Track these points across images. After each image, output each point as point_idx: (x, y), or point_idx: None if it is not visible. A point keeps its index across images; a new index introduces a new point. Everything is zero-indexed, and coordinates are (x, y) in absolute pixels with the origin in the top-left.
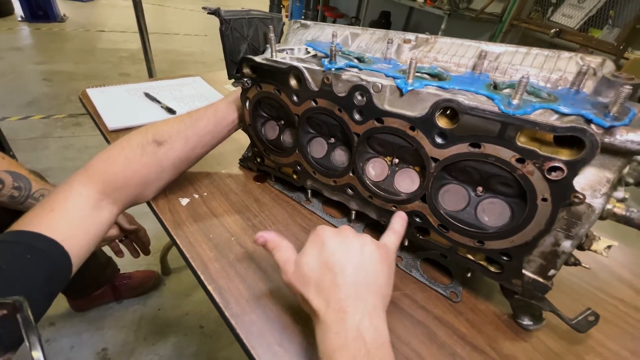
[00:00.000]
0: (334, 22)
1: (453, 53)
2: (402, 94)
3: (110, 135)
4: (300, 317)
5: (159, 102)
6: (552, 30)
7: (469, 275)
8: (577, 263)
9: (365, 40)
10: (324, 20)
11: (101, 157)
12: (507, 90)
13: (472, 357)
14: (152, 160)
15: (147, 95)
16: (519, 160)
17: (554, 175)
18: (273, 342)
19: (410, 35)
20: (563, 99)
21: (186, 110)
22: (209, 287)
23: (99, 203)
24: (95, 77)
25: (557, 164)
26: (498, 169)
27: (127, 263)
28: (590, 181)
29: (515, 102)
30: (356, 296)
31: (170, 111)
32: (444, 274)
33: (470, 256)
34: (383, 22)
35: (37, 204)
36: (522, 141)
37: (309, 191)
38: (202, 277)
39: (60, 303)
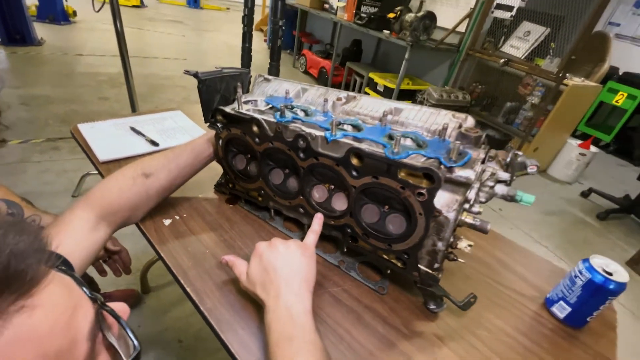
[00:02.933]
0: (310, 47)
1: (370, 109)
2: (327, 142)
3: (101, 166)
4: (258, 308)
5: (143, 135)
6: (502, 60)
7: (388, 272)
8: (455, 259)
9: (312, 95)
10: (300, 45)
11: (99, 187)
12: (402, 139)
13: (389, 332)
14: (141, 189)
15: (132, 129)
16: (401, 188)
17: (421, 198)
18: (237, 326)
19: (343, 94)
20: (431, 146)
21: (168, 143)
22: (188, 289)
23: (97, 225)
24: (74, 101)
25: (421, 190)
26: (391, 193)
27: (107, 283)
28: (446, 201)
29: (395, 150)
30: (286, 284)
31: (154, 143)
32: (376, 273)
33: (385, 256)
34: (354, 49)
35: (49, 226)
36: (402, 175)
37: (272, 210)
38: (182, 281)
39: None
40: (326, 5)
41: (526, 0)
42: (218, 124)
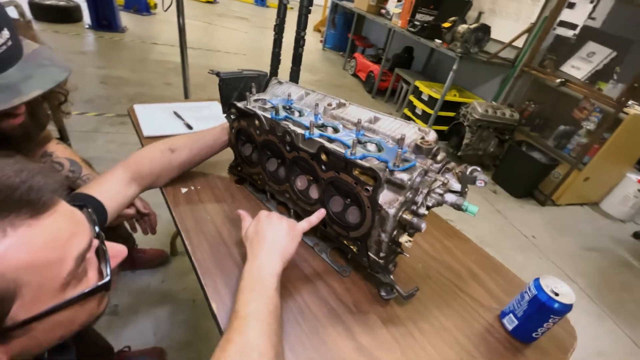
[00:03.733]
0: (363, 51)
1: (352, 115)
2: (305, 139)
3: (144, 140)
4: (235, 269)
5: (182, 119)
6: (558, 80)
7: (349, 256)
8: (401, 252)
9: (310, 99)
10: (353, 47)
11: (135, 155)
12: (368, 144)
13: (338, 306)
14: (166, 160)
15: (175, 113)
16: (355, 183)
17: (367, 193)
18: (216, 277)
19: (335, 101)
20: (388, 152)
21: (200, 127)
22: (186, 242)
23: (129, 183)
24: (143, 85)
25: (367, 187)
26: (350, 188)
27: (144, 242)
28: (389, 199)
29: (353, 151)
30: (267, 249)
31: (189, 127)
32: (344, 260)
33: (345, 242)
34: (406, 56)
35: (93, 180)
36: (356, 173)
37: (268, 193)
38: (183, 235)
39: None
40: (383, 11)
41: (598, 20)
42: (232, 116)
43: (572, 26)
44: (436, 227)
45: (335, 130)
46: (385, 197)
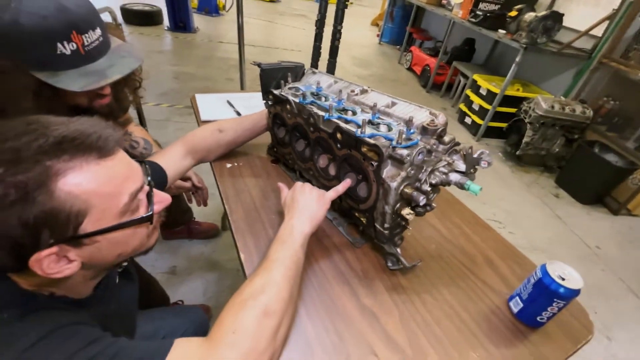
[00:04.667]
0: (421, 44)
1: (371, 101)
2: (324, 120)
3: (200, 123)
4: (264, 228)
5: (234, 107)
6: None
7: (360, 228)
8: (406, 226)
9: (337, 87)
10: (411, 41)
11: (192, 133)
12: (381, 125)
13: (347, 271)
14: (215, 139)
15: (228, 102)
16: (364, 159)
17: (372, 168)
18: (247, 236)
19: (358, 88)
20: (395, 132)
21: (247, 114)
22: (226, 205)
23: (185, 156)
24: (208, 79)
25: (373, 162)
26: (360, 164)
27: (200, 216)
28: (392, 174)
29: (363, 130)
30: (299, 213)
31: (238, 114)
32: (360, 234)
33: (357, 214)
34: (466, 48)
35: (158, 152)
36: (364, 150)
37: (298, 172)
38: (224, 201)
39: None
40: (444, 2)
41: None
42: (269, 102)
43: None
44: (458, 214)
45: (354, 113)
46: (389, 172)
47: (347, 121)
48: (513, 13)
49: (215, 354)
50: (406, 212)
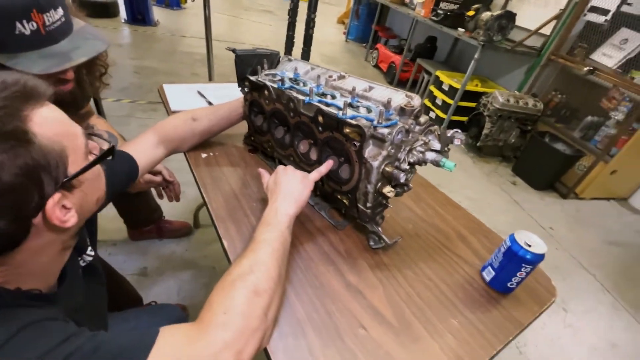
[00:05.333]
0: (386, 42)
1: (350, 86)
2: (304, 104)
3: (171, 113)
4: (246, 215)
5: (205, 97)
6: (585, 68)
7: (343, 211)
8: (387, 204)
9: (316, 73)
10: (376, 38)
11: (163, 121)
12: (360, 108)
13: (331, 251)
14: (189, 128)
15: (199, 92)
16: (346, 140)
17: (355, 148)
18: (228, 221)
19: (335, 74)
20: (375, 113)
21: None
22: (204, 194)
23: (157, 145)
24: (172, 74)
25: (355, 142)
26: (342, 146)
27: (170, 214)
28: (373, 153)
29: (344, 112)
30: (283, 195)
31: (210, 104)
32: (342, 217)
33: (339, 196)
34: (428, 46)
35: (128, 142)
36: (347, 131)
37: (277, 160)
38: (202, 190)
39: (122, 233)
40: (407, 0)
41: (635, 5)
42: (245, 89)
43: (604, 12)
44: (432, 197)
45: (333, 97)
46: (371, 152)
47: (327, 104)
48: (471, 12)
49: (207, 336)
50: (387, 189)
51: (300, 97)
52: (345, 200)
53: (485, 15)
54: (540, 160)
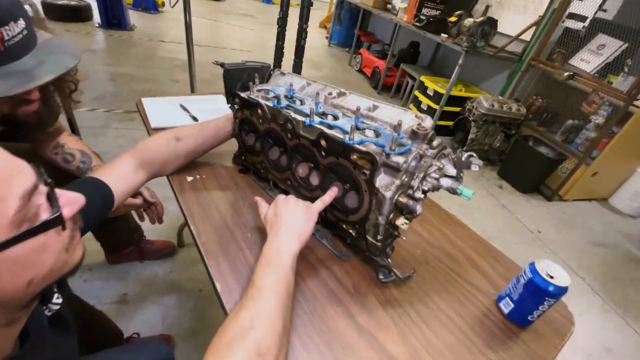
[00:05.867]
0: (369, 47)
1: (352, 104)
2: (305, 126)
3: (151, 131)
4: (240, 249)
5: (188, 112)
6: (566, 74)
7: (348, 241)
8: (398, 235)
9: (312, 89)
10: (359, 44)
11: (143, 142)
12: (366, 130)
13: (337, 288)
14: (172, 149)
15: (181, 106)
16: (353, 168)
17: (364, 177)
18: (220, 259)
19: (335, 90)
20: (385, 137)
21: (206, 119)
22: (191, 226)
23: (137, 170)
24: (150, 81)
25: (365, 171)
26: (349, 172)
27: (152, 233)
28: (385, 183)
29: (351, 137)
30: (284, 229)
31: (194, 119)
32: (345, 246)
33: (344, 226)
34: (412, 51)
35: (103, 166)
36: (354, 157)
37: (271, 182)
38: (188, 219)
39: (98, 255)
40: (389, 6)
41: (610, 12)
42: (235, 106)
43: (582, 18)
44: (436, 216)
45: (335, 117)
46: (382, 180)
47: (330, 126)
48: (453, 18)
49: None
50: (401, 221)
51: (300, 117)
52: (351, 231)
53: (468, 21)
54: (524, 163)
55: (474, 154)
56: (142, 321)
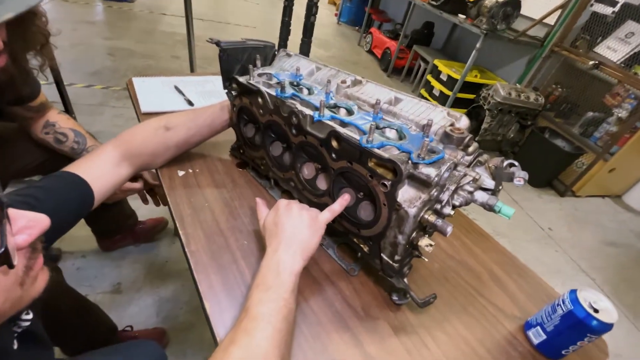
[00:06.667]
0: (379, 26)
1: (370, 95)
2: (313, 121)
3: (141, 116)
4: (234, 260)
5: (183, 94)
6: (591, 62)
7: (359, 255)
8: (419, 256)
9: (322, 75)
10: (370, 22)
11: (128, 132)
12: (387, 130)
13: (345, 310)
14: (161, 140)
15: (176, 88)
16: (370, 176)
17: (384, 188)
18: (210, 271)
19: (349, 78)
20: (411, 140)
21: (202, 104)
22: (180, 231)
23: (120, 163)
24: (151, 57)
25: (385, 182)
26: (363, 181)
27: (142, 213)
28: (409, 197)
29: (369, 138)
30: (286, 243)
31: (190, 103)
32: (353, 257)
33: (355, 239)
34: (425, 32)
35: (82, 158)
36: (372, 164)
37: (272, 180)
38: (177, 223)
39: (93, 241)
40: None
41: None
42: (233, 92)
43: (612, 2)
44: (454, 222)
45: (349, 112)
46: (406, 194)
47: (343, 123)
48: None
49: None
50: (425, 243)
51: (307, 111)
52: (363, 246)
53: (490, 1)
54: (539, 156)
55: (516, 163)
56: (136, 313)
